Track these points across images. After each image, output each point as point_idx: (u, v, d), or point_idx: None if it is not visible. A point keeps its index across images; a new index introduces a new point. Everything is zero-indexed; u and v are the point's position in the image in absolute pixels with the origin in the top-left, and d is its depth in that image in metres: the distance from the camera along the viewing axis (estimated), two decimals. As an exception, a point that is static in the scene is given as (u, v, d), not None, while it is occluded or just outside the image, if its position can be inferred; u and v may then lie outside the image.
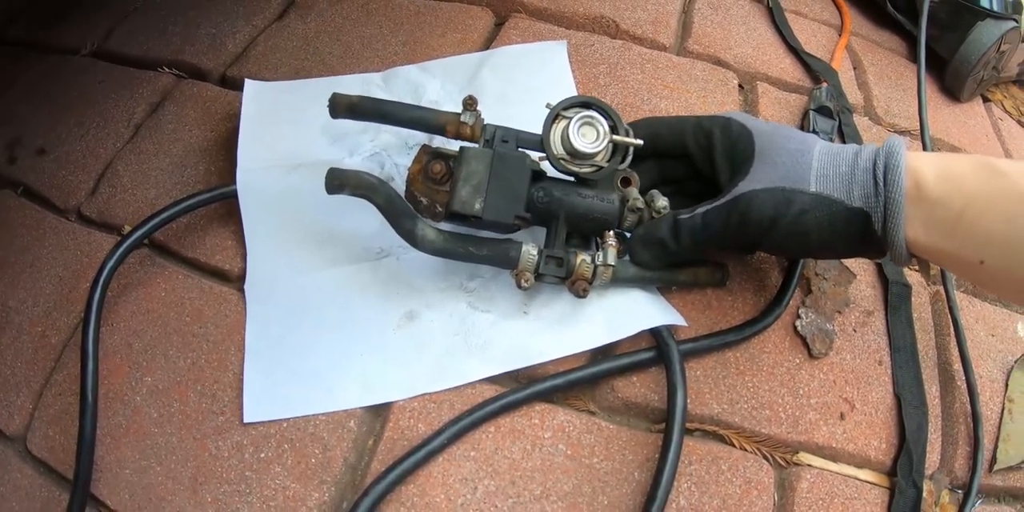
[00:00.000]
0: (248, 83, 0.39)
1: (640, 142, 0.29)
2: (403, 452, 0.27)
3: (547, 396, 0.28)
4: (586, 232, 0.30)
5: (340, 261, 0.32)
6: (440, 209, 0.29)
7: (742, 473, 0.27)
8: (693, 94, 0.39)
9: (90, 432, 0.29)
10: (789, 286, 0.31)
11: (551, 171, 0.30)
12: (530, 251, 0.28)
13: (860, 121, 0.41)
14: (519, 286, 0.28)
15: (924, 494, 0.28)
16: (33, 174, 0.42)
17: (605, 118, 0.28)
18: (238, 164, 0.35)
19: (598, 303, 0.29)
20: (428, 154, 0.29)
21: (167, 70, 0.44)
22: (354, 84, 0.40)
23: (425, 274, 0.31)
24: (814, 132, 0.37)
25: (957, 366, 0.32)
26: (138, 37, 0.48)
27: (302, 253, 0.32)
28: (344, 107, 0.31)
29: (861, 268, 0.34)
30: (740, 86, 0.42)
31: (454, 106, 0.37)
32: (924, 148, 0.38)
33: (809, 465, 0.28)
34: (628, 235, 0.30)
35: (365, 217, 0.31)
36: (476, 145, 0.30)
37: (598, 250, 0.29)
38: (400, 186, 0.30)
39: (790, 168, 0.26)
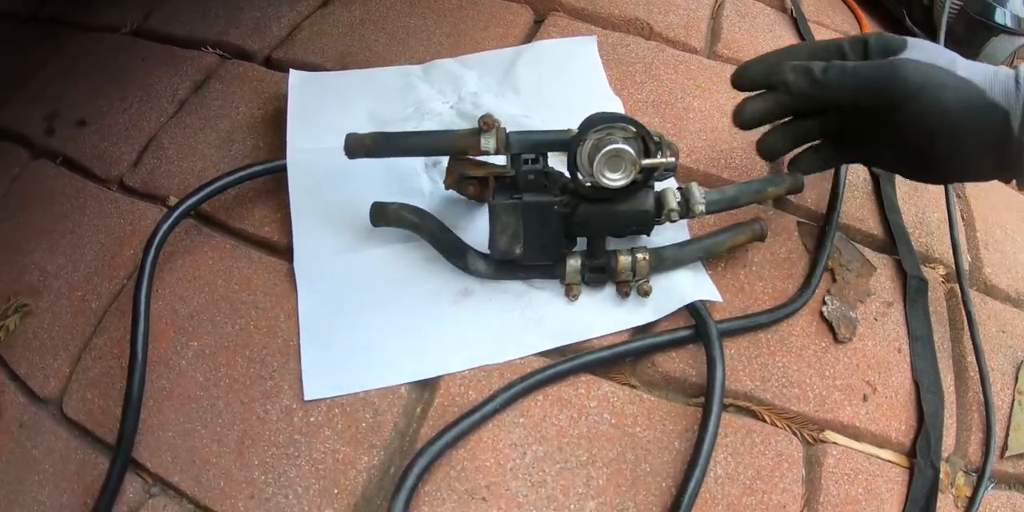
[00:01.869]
0: (293, 74, 0.40)
1: (673, 161, 0.29)
2: (452, 419, 0.28)
3: (592, 368, 0.30)
4: (626, 234, 0.31)
5: (390, 240, 0.33)
6: (480, 197, 0.31)
7: (773, 447, 0.29)
8: (723, 95, 0.42)
9: (137, 393, 0.29)
10: (815, 273, 0.33)
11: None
12: (574, 266, 0.30)
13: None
14: (567, 297, 0.30)
15: (941, 475, 0.30)
16: (73, 145, 0.43)
17: (631, 141, 0.27)
18: (288, 145, 0.36)
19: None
20: (458, 175, 0.31)
21: (211, 50, 0.45)
22: (394, 76, 0.41)
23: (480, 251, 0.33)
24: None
25: (970, 358, 0.34)
26: (180, 18, 0.49)
27: (351, 232, 0.34)
28: (360, 149, 0.31)
29: (880, 263, 0.36)
30: (766, 90, 0.44)
31: (492, 97, 0.40)
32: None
33: (835, 443, 0.30)
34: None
35: (415, 200, 0.33)
36: (503, 166, 0.30)
37: (633, 248, 0.31)
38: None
39: (941, 55, 0.28)
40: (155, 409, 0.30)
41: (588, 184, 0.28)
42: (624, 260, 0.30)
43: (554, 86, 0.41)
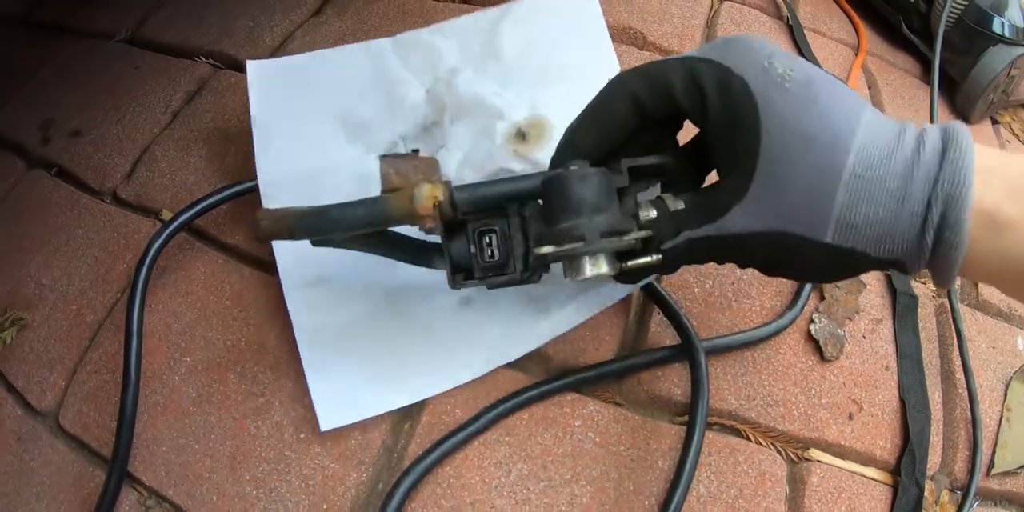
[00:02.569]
0: (251, 64, 0.36)
1: (659, 259, 0.22)
2: (439, 437, 0.28)
3: (578, 387, 0.30)
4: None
5: (381, 261, 0.32)
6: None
7: (757, 465, 0.29)
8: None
9: (131, 408, 0.30)
10: (803, 290, 0.33)
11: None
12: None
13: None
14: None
15: (925, 493, 0.30)
16: (68, 155, 0.43)
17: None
18: (259, 177, 0.34)
19: None
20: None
21: (204, 60, 0.46)
22: (363, 55, 0.37)
23: None
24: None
25: (959, 375, 0.35)
26: (174, 26, 0.49)
27: (336, 256, 0.32)
28: (278, 232, 0.24)
29: (870, 279, 0.37)
30: (761, 100, 0.44)
31: (471, 73, 0.35)
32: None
33: (819, 461, 0.30)
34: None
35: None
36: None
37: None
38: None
39: (802, 205, 0.19)
40: (149, 423, 0.31)
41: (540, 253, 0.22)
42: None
43: (546, 47, 0.35)
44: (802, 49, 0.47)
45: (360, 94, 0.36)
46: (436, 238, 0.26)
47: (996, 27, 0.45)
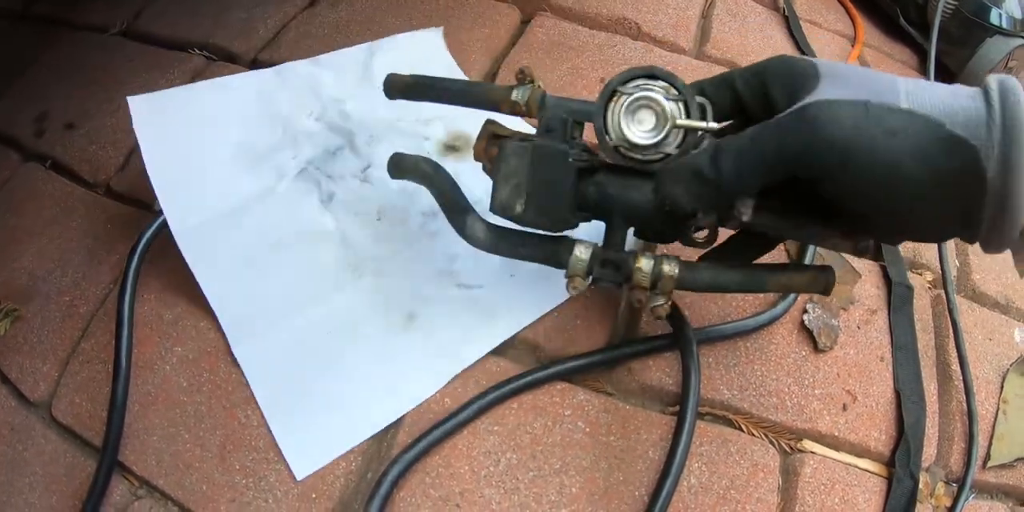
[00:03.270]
0: (132, 101, 0.36)
1: (715, 127, 0.22)
2: (428, 426, 0.28)
3: (568, 376, 0.30)
4: (648, 233, 0.26)
5: (318, 294, 0.32)
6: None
7: (749, 456, 0.29)
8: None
9: (122, 398, 0.30)
10: (799, 282, 0.33)
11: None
12: (581, 256, 0.25)
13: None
14: (568, 291, 0.25)
15: (920, 485, 0.30)
16: (61, 148, 0.43)
17: (668, 97, 0.23)
18: (170, 225, 0.33)
19: None
20: (488, 135, 0.27)
21: (198, 52, 0.46)
22: (247, 86, 0.39)
23: (407, 275, 0.32)
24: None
25: (955, 366, 0.34)
26: (168, 18, 0.49)
27: (275, 299, 0.32)
28: (399, 88, 0.30)
29: (865, 269, 0.36)
30: (757, 91, 0.44)
31: (355, 101, 0.38)
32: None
33: (812, 452, 0.30)
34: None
35: (327, 247, 0.32)
36: (525, 129, 0.28)
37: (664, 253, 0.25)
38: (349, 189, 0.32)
39: (872, 82, 0.20)
40: (140, 413, 0.31)
41: (616, 147, 0.24)
42: (645, 263, 0.24)
43: None
44: (798, 40, 0.47)
45: (250, 124, 0.37)
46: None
47: (994, 18, 0.45)
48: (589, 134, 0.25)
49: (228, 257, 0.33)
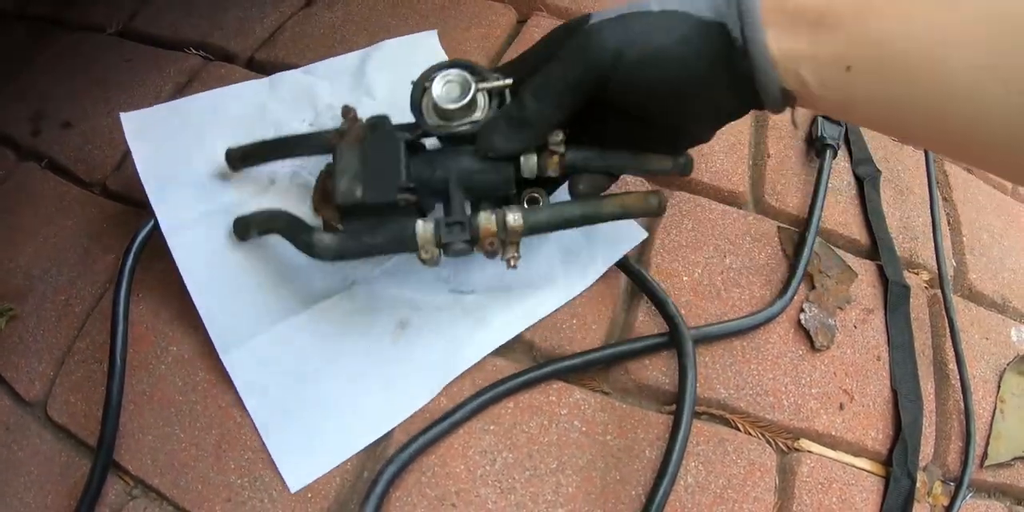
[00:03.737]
0: (124, 117, 0.36)
1: (510, 81, 0.26)
2: (424, 425, 0.28)
3: (564, 375, 0.30)
4: (488, 193, 0.28)
5: (309, 301, 0.31)
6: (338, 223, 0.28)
7: (746, 455, 0.29)
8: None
9: (117, 397, 0.30)
10: (794, 280, 0.33)
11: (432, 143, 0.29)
12: (425, 224, 0.26)
13: (866, 130, 0.43)
14: (421, 261, 0.26)
15: (917, 485, 0.30)
16: (58, 147, 0.43)
17: (468, 71, 0.27)
18: (165, 236, 0.32)
19: (559, 256, 0.32)
20: (322, 174, 0.30)
21: (195, 51, 0.46)
22: (241, 97, 0.39)
23: (399, 283, 0.32)
24: (821, 138, 0.40)
25: (952, 366, 0.34)
26: (165, 18, 0.49)
27: (265, 306, 0.31)
28: (238, 158, 0.32)
29: (862, 269, 0.36)
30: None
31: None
32: (927, 164, 0.40)
33: (809, 451, 0.30)
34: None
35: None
36: None
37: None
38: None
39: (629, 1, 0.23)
40: (135, 413, 0.31)
41: (435, 126, 0.27)
42: (486, 216, 0.26)
43: (406, 86, 0.39)
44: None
45: (244, 132, 0.36)
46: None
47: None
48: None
49: (217, 261, 0.32)
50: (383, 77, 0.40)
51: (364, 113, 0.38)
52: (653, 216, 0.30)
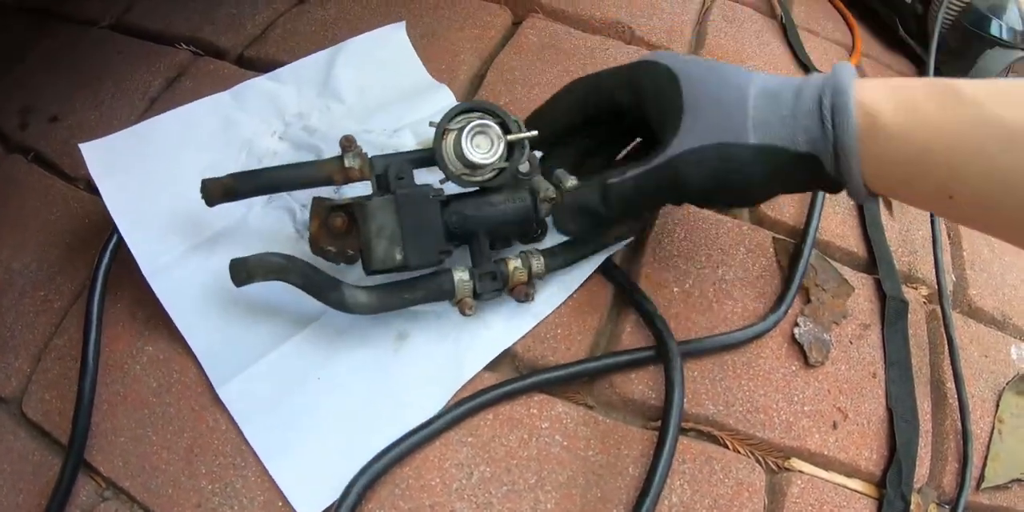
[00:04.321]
0: (84, 148, 0.34)
1: (534, 133, 0.27)
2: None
3: (547, 387, 0.29)
4: (507, 236, 0.30)
5: (303, 323, 0.30)
6: (352, 252, 0.28)
7: (734, 475, 0.28)
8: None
9: (88, 396, 0.29)
10: (789, 293, 0.32)
11: (452, 186, 0.28)
12: (463, 278, 0.28)
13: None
14: (463, 314, 0.28)
15: (912, 507, 0.29)
16: (45, 141, 0.42)
17: (493, 118, 0.27)
18: (139, 265, 0.31)
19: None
20: (324, 209, 0.28)
21: (185, 46, 0.45)
22: (202, 110, 0.37)
23: None
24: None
25: (950, 384, 0.33)
26: (159, 12, 0.49)
27: (257, 335, 0.30)
28: (219, 193, 0.28)
29: (859, 283, 0.35)
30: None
31: (319, 114, 0.37)
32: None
33: (800, 471, 0.29)
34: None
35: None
36: (370, 192, 0.28)
37: (522, 251, 0.29)
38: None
39: (725, 118, 0.24)
40: (109, 413, 0.30)
41: (460, 176, 0.27)
42: (514, 262, 0.28)
43: (376, 86, 0.38)
44: (795, 48, 0.46)
45: (212, 151, 0.35)
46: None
47: (994, 30, 0.44)
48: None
49: (203, 295, 0.31)
50: (351, 78, 0.38)
51: (334, 119, 0.37)
52: (648, 229, 0.33)
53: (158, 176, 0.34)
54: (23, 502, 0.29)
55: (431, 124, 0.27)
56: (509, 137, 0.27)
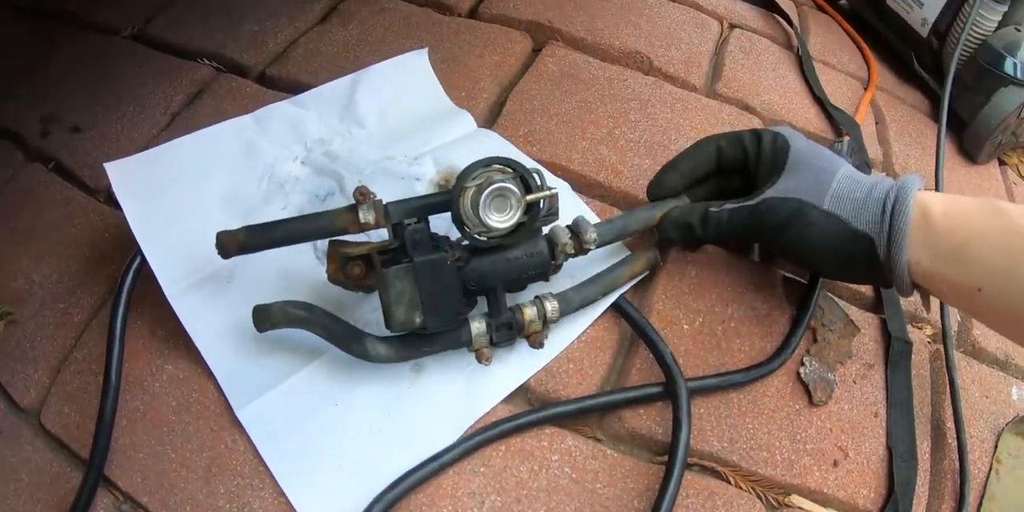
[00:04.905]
0: (109, 167, 0.36)
1: (555, 190, 0.28)
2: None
3: (557, 421, 0.30)
4: (524, 284, 0.30)
5: (321, 349, 0.31)
6: (370, 283, 0.29)
7: (735, 510, 0.29)
8: (722, 135, 0.42)
9: (110, 415, 0.30)
10: (796, 333, 0.33)
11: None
12: (479, 329, 0.29)
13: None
14: (480, 362, 0.29)
15: (906, 545, 0.30)
16: (66, 151, 0.43)
17: (512, 176, 0.27)
18: (163, 288, 0.32)
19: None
20: (340, 258, 0.29)
21: (207, 62, 0.46)
22: (228, 137, 0.38)
23: None
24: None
25: (950, 424, 0.34)
26: (180, 26, 0.50)
27: (277, 360, 0.31)
28: (234, 248, 0.29)
29: (866, 323, 0.36)
30: (767, 131, 0.44)
31: (341, 139, 0.38)
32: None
33: (800, 507, 0.30)
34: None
35: (325, 304, 0.30)
36: (386, 240, 0.29)
37: (537, 296, 0.30)
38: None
39: (811, 183, 0.30)
40: (128, 429, 0.31)
41: (476, 234, 0.28)
42: (530, 311, 0.29)
43: (397, 112, 0.39)
44: (810, 82, 0.47)
45: (234, 176, 0.36)
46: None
47: (1008, 68, 0.45)
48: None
49: (224, 319, 0.32)
50: (373, 104, 0.40)
51: (356, 144, 0.38)
52: (654, 267, 0.35)
53: (181, 199, 0.35)
54: (40, 512, 0.30)
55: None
56: (529, 197, 0.27)
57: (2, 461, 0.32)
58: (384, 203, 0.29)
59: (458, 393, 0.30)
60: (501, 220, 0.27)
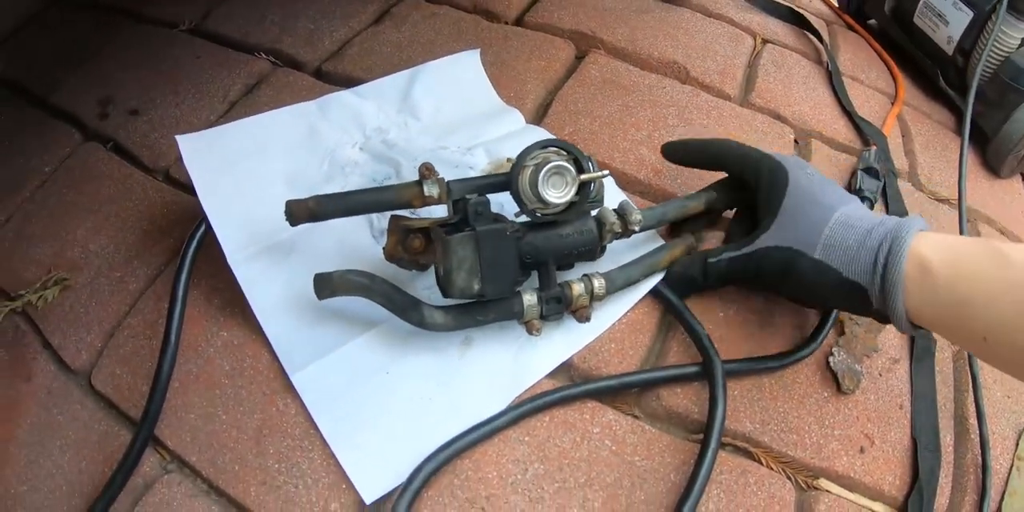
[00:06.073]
0: (181, 139, 0.39)
1: (606, 173, 0.31)
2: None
3: (599, 395, 0.33)
4: (572, 262, 0.33)
5: (375, 320, 0.33)
6: (424, 262, 0.32)
7: (767, 489, 0.31)
8: (752, 144, 0.45)
9: (167, 373, 0.32)
10: (825, 325, 0.36)
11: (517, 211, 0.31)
12: (531, 302, 0.31)
13: (903, 186, 0.47)
14: (530, 334, 0.32)
15: (931, 534, 0.32)
16: (124, 132, 0.47)
17: (568, 156, 0.31)
18: (227, 256, 0.35)
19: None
20: (401, 230, 0.31)
21: (264, 56, 0.50)
22: (292, 120, 0.41)
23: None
24: (859, 191, 0.43)
25: (972, 420, 0.37)
26: (236, 21, 0.54)
27: (331, 328, 0.33)
28: (304, 215, 0.31)
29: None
30: (795, 141, 0.48)
31: (397, 129, 0.42)
32: (960, 218, 0.44)
33: (828, 491, 0.32)
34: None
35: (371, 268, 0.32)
36: (446, 216, 0.32)
37: (585, 274, 0.33)
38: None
39: (804, 230, 0.31)
40: (180, 391, 0.34)
41: (533, 209, 0.31)
42: (578, 287, 0.32)
43: (451, 107, 0.43)
44: (839, 95, 0.51)
45: (298, 156, 0.40)
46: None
47: (1030, 83, 0.48)
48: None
49: (281, 288, 0.34)
50: (428, 98, 0.43)
51: (411, 134, 0.41)
52: (694, 252, 0.37)
53: (247, 173, 0.39)
54: (86, 468, 0.32)
55: (508, 160, 0.31)
56: (583, 177, 0.30)
57: (50, 419, 0.35)
58: (447, 180, 0.32)
59: (506, 365, 0.33)
60: (557, 196, 0.30)
